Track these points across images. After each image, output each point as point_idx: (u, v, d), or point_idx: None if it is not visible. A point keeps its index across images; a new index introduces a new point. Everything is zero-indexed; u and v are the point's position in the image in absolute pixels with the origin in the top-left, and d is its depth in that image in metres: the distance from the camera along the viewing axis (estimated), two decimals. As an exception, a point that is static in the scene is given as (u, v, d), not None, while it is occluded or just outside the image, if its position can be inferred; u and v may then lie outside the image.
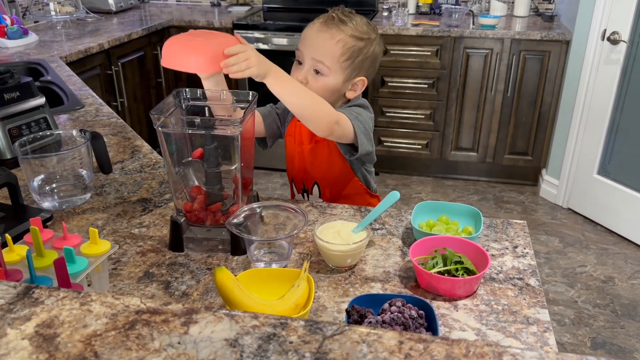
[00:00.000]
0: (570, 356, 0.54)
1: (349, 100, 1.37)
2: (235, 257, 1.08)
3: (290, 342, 0.56)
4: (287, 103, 1.17)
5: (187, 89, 1.12)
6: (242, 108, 1.10)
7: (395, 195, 1.08)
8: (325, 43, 1.28)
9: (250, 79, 3.38)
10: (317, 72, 1.29)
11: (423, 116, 3.38)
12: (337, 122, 1.21)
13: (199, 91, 1.12)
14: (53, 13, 3.21)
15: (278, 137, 1.48)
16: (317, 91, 1.27)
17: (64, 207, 1.23)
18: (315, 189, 1.43)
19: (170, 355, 0.54)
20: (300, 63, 1.32)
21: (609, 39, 2.79)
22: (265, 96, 1.20)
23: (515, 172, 3.49)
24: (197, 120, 1.01)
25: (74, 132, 1.31)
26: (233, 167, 1.06)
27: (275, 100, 1.20)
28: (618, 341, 2.22)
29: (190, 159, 1.07)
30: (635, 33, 2.71)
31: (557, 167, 3.24)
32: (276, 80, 1.13)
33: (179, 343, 0.56)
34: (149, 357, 0.54)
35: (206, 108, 1.12)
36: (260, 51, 1.12)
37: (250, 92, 1.11)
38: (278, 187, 3.46)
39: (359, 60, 1.30)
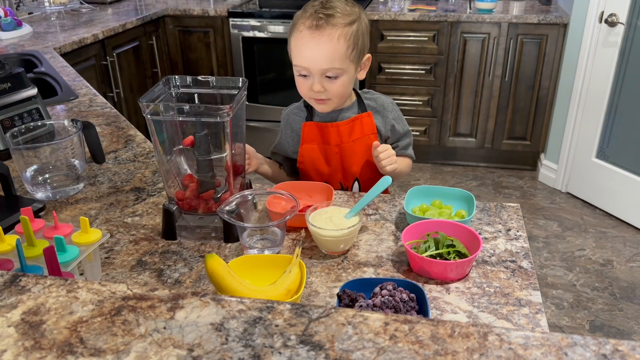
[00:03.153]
0: (555, 335, 0.54)
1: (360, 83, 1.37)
2: (229, 245, 1.08)
3: (276, 326, 0.56)
4: (395, 175, 1.32)
5: (176, 76, 1.11)
6: (231, 95, 1.09)
7: (387, 180, 1.08)
8: (326, 48, 1.21)
9: (246, 67, 3.37)
10: (329, 76, 1.24)
11: (421, 102, 3.37)
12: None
13: (188, 78, 1.12)
14: (47, 4, 3.18)
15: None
16: (337, 92, 1.26)
17: (57, 197, 1.23)
18: (356, 185, 1.39)
19: (156, 340, 0.54)
20: (304, 75, 1.26)
21: (606, 21, 2.77)
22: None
23: (514, 157, 3.48)
24: (187, 107, 1.00)
25: (66, 122, 1.31)
26: (224, 155, 1.06)
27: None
28: (616, 324, 2.22)
29: (181, 146, 1.07)
30: (633, 15, 2.68)
31: (556, 152, 3.23)
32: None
33: (164, 328, 0.56)
34: (134, 342, 0.54)
35: (195, 95, 1.11)
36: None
37: (240, 79, 1.10)
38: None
39: (360, 42, 1.25)
